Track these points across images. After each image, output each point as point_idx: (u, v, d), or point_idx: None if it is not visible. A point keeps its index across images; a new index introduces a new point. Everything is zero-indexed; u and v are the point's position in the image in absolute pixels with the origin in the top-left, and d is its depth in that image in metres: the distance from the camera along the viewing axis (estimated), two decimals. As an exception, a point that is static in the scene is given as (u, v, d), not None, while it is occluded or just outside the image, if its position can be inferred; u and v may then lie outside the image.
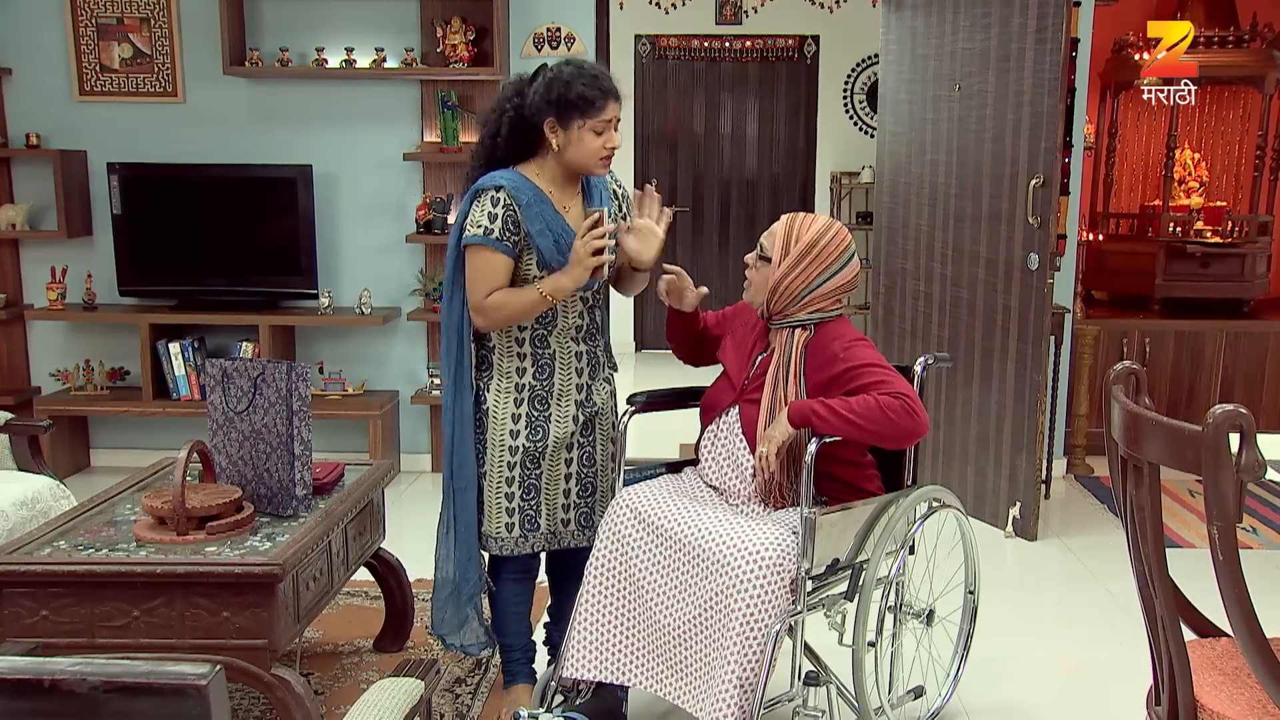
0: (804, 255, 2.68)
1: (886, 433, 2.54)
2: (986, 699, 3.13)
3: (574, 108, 2.67)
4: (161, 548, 2.60)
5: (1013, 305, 4.34)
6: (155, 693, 1.05)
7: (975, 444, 4.57)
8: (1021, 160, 4.27)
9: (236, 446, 2.88)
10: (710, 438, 2.83)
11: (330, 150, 5.14)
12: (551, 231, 2.74)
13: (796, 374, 2.67)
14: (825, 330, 2.72)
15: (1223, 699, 1.85)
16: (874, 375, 2.59)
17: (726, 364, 2.88)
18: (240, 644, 2.52)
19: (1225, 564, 1.66)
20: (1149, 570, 1.85)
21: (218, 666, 1.06)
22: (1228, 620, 1.71)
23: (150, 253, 5.07)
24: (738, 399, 2.78)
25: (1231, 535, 1.65)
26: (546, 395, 2.83)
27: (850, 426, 2.51)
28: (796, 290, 2.69)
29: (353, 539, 3.07)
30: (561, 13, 5.04)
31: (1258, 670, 1.68)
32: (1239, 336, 5.55)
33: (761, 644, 2.44)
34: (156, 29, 5.06)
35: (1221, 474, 1.61)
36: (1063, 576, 4.15)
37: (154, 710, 1.06)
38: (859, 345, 2.69)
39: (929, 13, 4.63)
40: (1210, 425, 1.60)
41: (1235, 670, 1.93)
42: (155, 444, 5.11)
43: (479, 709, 3.03)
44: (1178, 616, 1.87)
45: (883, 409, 2.51)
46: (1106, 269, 6.04)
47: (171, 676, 1.04)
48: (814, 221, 2.73)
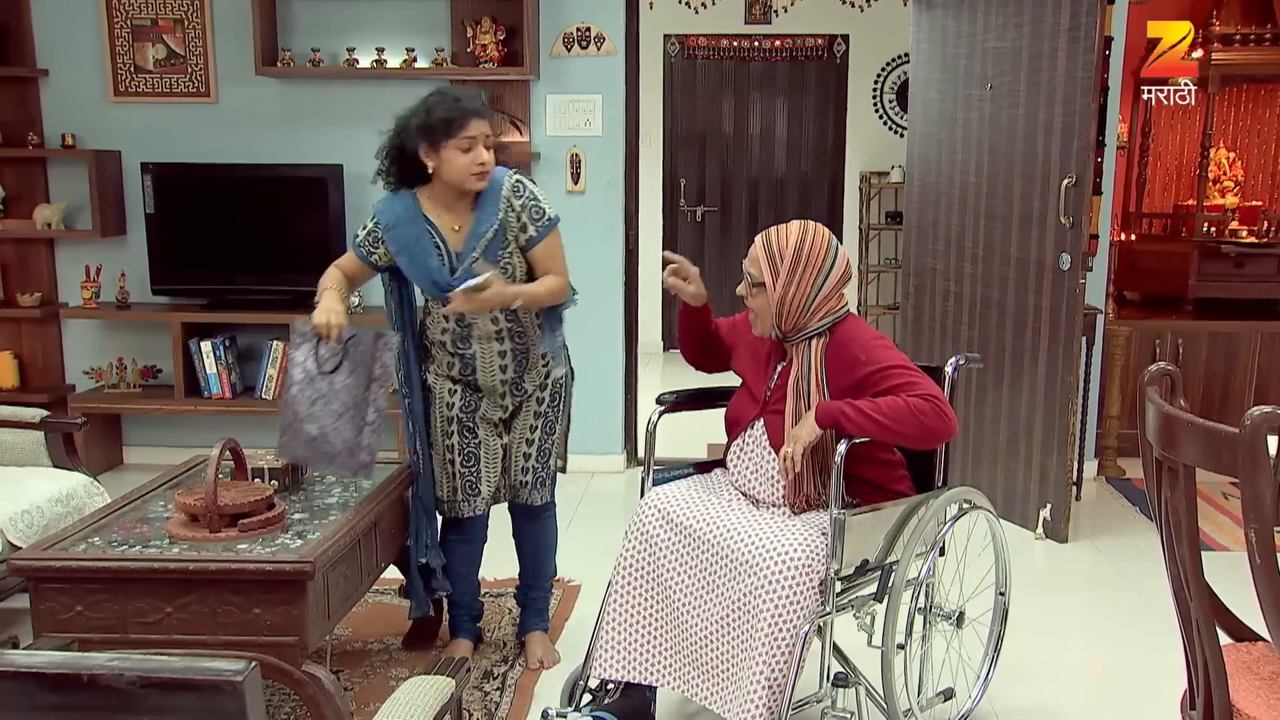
0: (795, 266, 2.66)
1: (915, 434, 2.53)
2: (1017, 701, 3.11)
3: (437, 131, 2.91)
4: (194, 545, 2.62)
5: (1044, 306, 4.31)
6: (192, 688, 1.06)
7: (1005, 445, 4.54)
8: (1054, 160, 4.24)
9: (309, 404, 2.98)
10: (737, 451, 2.82)
11: (361, 150, 5.10)
12: (408, 252, 3.03)
13: (819, 382, 2.66)
14: (840, 332, 2.71)
15: (1259, 704, 1.83)
16: (901, 377, 2.58)
17: (745, 376, 2.86)
18: (271, 641, 2.53)
19: (1262, 567, 1.64)
20: (1184, 573, 1.84)
21: (253, 663, 1.06)
22: (1265, 624, 1.69)
23: (182, 252, 5.12)
24: (761, 412, 2.76)
25: (1269, 538, 1.63)
26: (476, 386, 3.16)
27: (878, 428, 2.50)
28: (801, 302, 2.67)
29: (382, 537, 3.09)
30: (591, 12, 5.04)
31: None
32: (1274, 338, 5.49)
33: (790, 645, 2.43)
34: (190, 30, 5.10)
35: (1259, 476, 1.60)
36: (1094, 579, 4.12)
37: (190, 705, 1.07)
38: (879, 347, 2.68)
39: (960, 12, 4.61)
40: (1248, 427, 1.59)
41: (1273, 675, 1.91)
42: (187, 442, 5.15)
43: (507, 706, 3.03)
44: (1213, 620, 1.85)
45: (912, 411, 2.49)
46: (1139, 269, 5.99)
47: (208, 673, 1.05)
48: (788, 232, 2.70)
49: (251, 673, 1.05)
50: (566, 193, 5.15)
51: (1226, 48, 5.59)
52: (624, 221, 5.23)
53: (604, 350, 5.28)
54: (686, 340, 3.01)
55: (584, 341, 5.25)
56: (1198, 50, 5.61)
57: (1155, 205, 6.12)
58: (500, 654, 3.36)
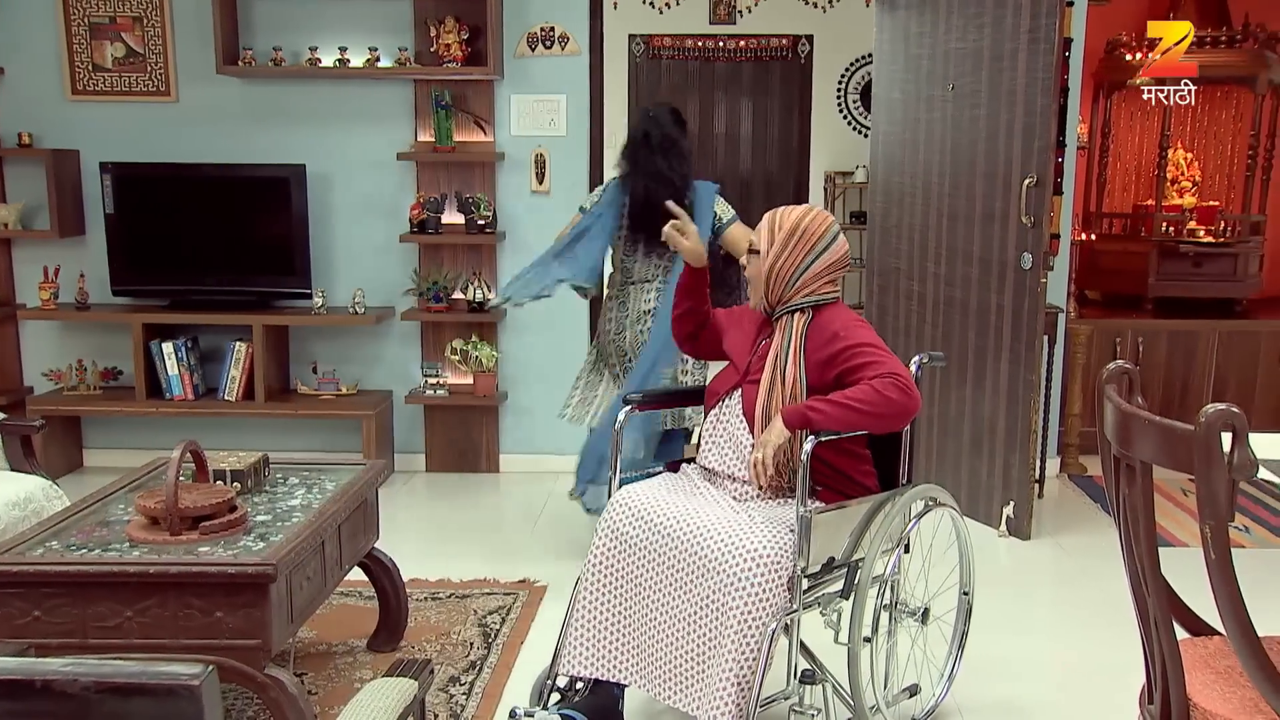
0: (789, 239, 2.77)
1: (882, 412, 2.57)
2: (981, 697, 3.13)
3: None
4: (154, 548, 2.59)
5: (1006, 305, 4.34)
6: (148, 693, 1.05)
7: (969, 443, 4.58)
8: (1015, 160, 4.28)
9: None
10: (712, 421, 2.86)
11: (324, 150, 5.13)
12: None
13: (797, 352, 2.72)
14: (824, 313, 2.79)
15: (1215, 698, 1.85)
16: (870, 355, 2.65)
17: (731, 354, 2.93)
18: (234, 644, 2.51)
19: (1217, 562, 1.66)
20: (1142, 569, 1.86)
21: (210, 667, 1.05)
22: (1220, 619, 1.72)
23: (143, 252, 5.07)
24: (740, 381, 2.82)
25: (1223, 534, 1.65)
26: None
27: (847, 413, 2.54)
28: (788, 273, 2.77)
29: (346, 539, 3.07)
30: (555, 12, 5.04)
31: (1249, 669, 1.68)
32: (1231, 336, 5.57)
33: (758, 642, 2.44)
34: (149, 28, 5.05)
35: (1214, 473, 1.62)
36: (1056, 575, 4.15)
37: (146, 711, 1.06)
38: (858, 327, 2.77)
39: (922, 12, 4.64)
40: (1202, 424, 1.61)
41: (1227, 669, 1.94)
42: (148, 444, 5.10)
43: (473, 709, 3.02)
44: (1170, 615, 1.87)
45: (876, 390, 2.56)
46: (1100, 268, 6.05)
47: (164, 677, 1.04)
48: (794, 209, 2.84)
49: (209, 677, 1.04)
50: (531, 193, 5.15)
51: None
52: (589, 221, 5.22)
53: (569, 349, 5.27)
54: (681, 307, 3.05)
55: (550, 341, 5.27)
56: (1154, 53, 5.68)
57: (1115, 205, 6.19)
58: (467, 657, 3.35)
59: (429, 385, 5.18)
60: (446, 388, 5.20)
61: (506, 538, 4.54)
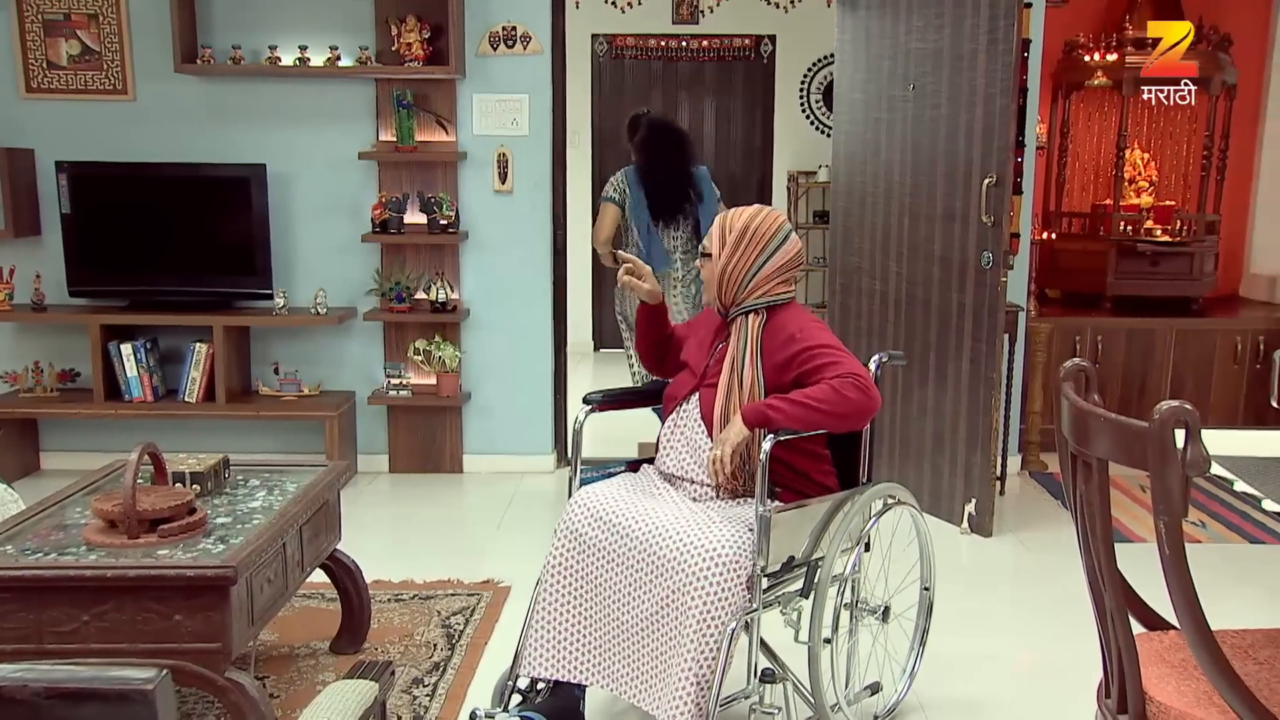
0: (740, 241, 2.78)
1: (842, 411, 2.58)
2: (942, 694, 3.16)
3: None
4: (112, 551, 2.56)
5: (967, 303, 4.38)
6: (100, 699, 1.04)
7: (931, 441, 4.61)
8: (975, 159, 4.31)
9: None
10: (670, 427, 2.87)
11: (284, 149, 5.09)
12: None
13: (754, 354, 2.73)
14: (780, 314, 2.80)
15: (1170, 691, 1.88)
16: (828, 356, 2.67)
17: (689, 358, 2.93)
18: (193, 648, 2.49)
19: (1171, 558, 1.68)
20: (1099, 565, 1.88)
21: (164, 671, 1.04)
22: (1174, 613, 1.74)
23: (101, 253, 5.01)
24: (698, 385, 2.82)
25: (1177, 529, 1.67)
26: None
27: (807, 411, 2.55)
28: (740, 275, 2.78)
29: (308, 541, 3.05)
30: (517, 11, 5.02)
31: (1203, 662, 1.70)
32: (1188, 334, 5.64)
33: (718, 641, 2.45)
34: (105, 25, 4.99)
35: (1167, 469, 1.64)
36: (1017, 572, 4.19)
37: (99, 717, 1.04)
38: (814, 327, 2.78)
39: (883, 13, 4.66)
40: (1156, 421, 1.62)
41: (1182, 662, 1.96)
42: (107, 447, 5.03)
43: (436, 710, 3.01)
44: (1126, 610, 1.89)
45: (836, 389, 2.58)
46: (1059, 267, 6.11)
47: (116, 682, 1.03)
48: (744, 210, 2.85)
49: (162, 681, 1.03)
50: (494, 193, 5.13)
51: (1139, 51, 5.72)
52: (552, 222, 5.22)
53: (533, 350, 5.27)
54: (645, 341, 3.08)
55: (513, 341, 5.25)
56: (1112, 54, 5.73)
57: (1074, 205, 6.24)
58: (431, 659, 3.34)
59: (392, 386, 5.16)
60: (409, 388, 5.18)
61: (470, 538, 4.53)
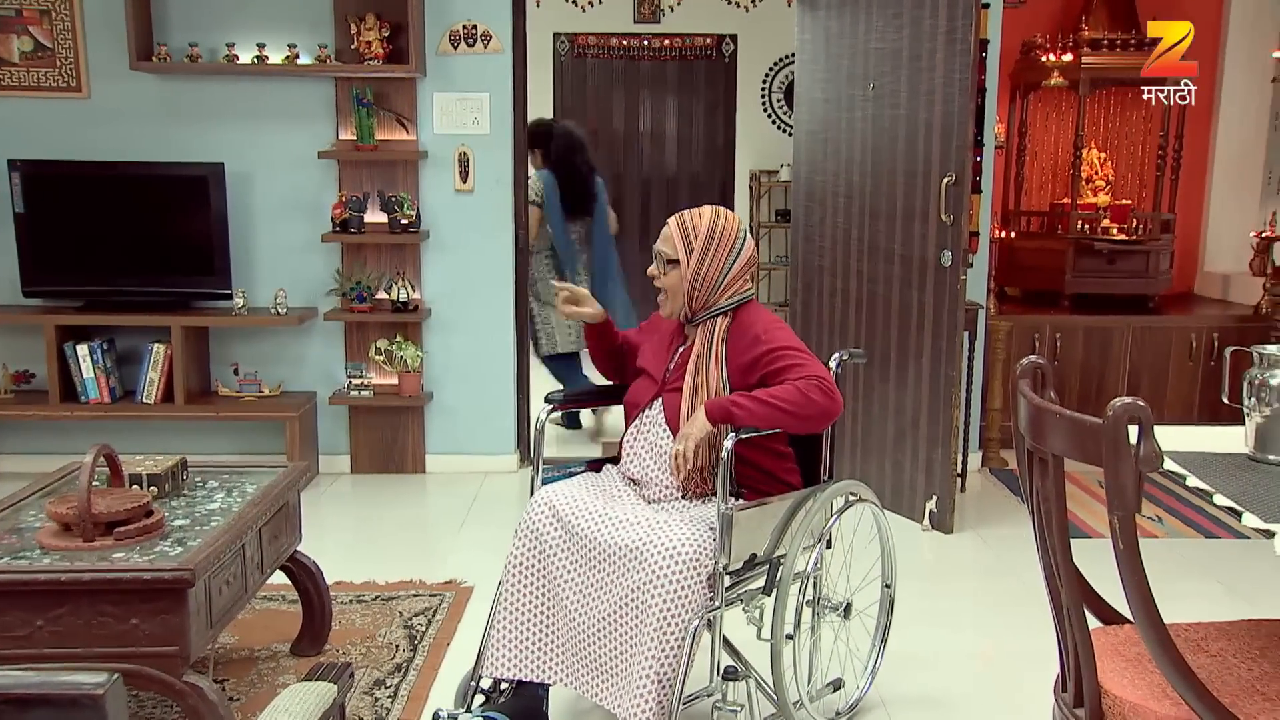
0: (709, 244, 2.76)
1: (806, 413, 2.59)
2: (904, 690, 3.18)
3: None
4: (66, 555, 2.53)
5: (927, 301, 4.41)
6: (49, 704, 1.02)
7: (893, 438, 4.64)
8: (934, 158, 4.34)
9: None
10: (633, 433, 2.85)
11: (243, 148, 5.05)
12: None
13: (719, 358, 2.72)
14: (743, 314, 2.80)
15: (1125, 684, 1.90)
16: (792, 359, 2.67)
17: (646, 365, 2.91)
18: (150, 651, 2.47)
19: (1125, 552, 1.70)
20: (1055, 560, 1.90)
21: (115, 675, 1.03)
22: (1128, 607, 1.76)
23: (56, 252, 4.94)
24: (660, 391, 2.81)
25: (1131, 524, 1.70)
26: None
27: (771, 412, 2.56)
28: (714, 277, 2.76)
29: (268, 542, 3.03)
30: (477, 10, 5.00)
31: (1156, 655, 1.72)
32: (1144, 331, 5.71)
33: (679, 639, 2.45)
34: (58, 22, 4.93)
35: (1121, 465, 1.65)
36: (978, 568, 4.23)
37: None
38: (778, 328, 2.78)
39: (843, 13, 4.69)
40: (1110, 417, 1.64)
41: (1137, 656, 1.98)
42: (63, 449, 4.94)
43: (399, 712, 3.00)
44: (1082, 605, 1.91)
45: (801, 391, 2.58)
46: (1018, 265, 6.16)
47: (66, 687, 1.01)
48: (702, 213, 2.81)
49: (113, 685, 1.02)
50: (455, 192, 5.11)
51: (1095, 52, 5.78)
52: (514, 221, 5.20)
53: (495, 349, 5.25)
54: (599, 356, 3.08)
55: (475, 341, 5.24)
56: (1068, 54, 5.79)
57: (1033, 203, 6.31)
58: (393, 660, 3.32)
59: (353, 386, 5.12)
60: (371, 388, 5.15)
61: (433, 538, 4.51)
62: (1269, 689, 1.86)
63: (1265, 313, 5.64)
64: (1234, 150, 6.40)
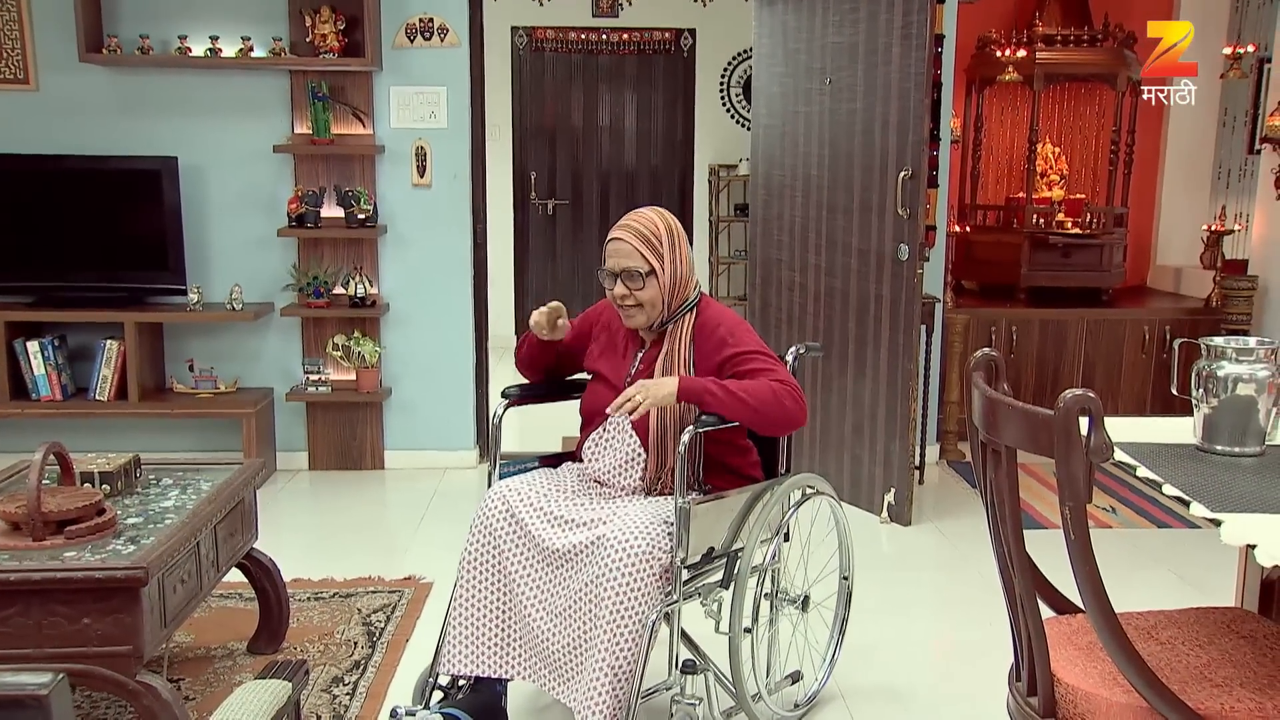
0: (673, 244, 2.75)
1: (775, 417, 2.60)
2: (862, 681, 3.20)
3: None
4: (15, 554, 2.49)
5: (885, 295, 4.43)
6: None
7: (851, 431, 4.67)
8: (890, 153, 4.36)
9: None
10: (596, 440, 2.82)
11: (197, 142, 4.99)
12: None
13: (686, 361, 2.71)
14: (706, 312, 2.79)
15: (1077, 672, 1.92)
16: (762, 363, 2.67)
17: (601, 370, 2.88)
18: (103, 651, 2.44)
19: (1076, 543, 1.72)
20: (1008, 550, 1.91)
21: (60, 675, 1.02)
22: (1080, 596, 1.78)
23: (4, 248, 4.87)
24: None
25: (1082, 515, 1.72)
26: None
27: (742, 407, 2.56)
28: (685, 273, 2.77)
29: (223, 540, 3.00)
30: (434, 3, 4.97)
31: (1107, 644, 1.75)
32: (1099, 324, 5.78)
33: (634, 633, 2.45)
34: (5, 13, 4.85)
35: (1072, 456, 1.67)
36: (936, 560, 4.26)
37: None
38: (743, 330, 2.77)
39: (800, 7, 4.70)
40: (1060, 409, 1.66)
41: (1089, 645, 2.01)
42: (15, 448, 4.87)
43: (357, 709, 2.98)
44: (1035, 595, 1.93)
45: (775, 394, 2.59)
46: (975, 259, 6.21)
47: (9, 688, 1.00)
48: (650, 217, 2.76)
49: (58, 686, 1.00)
50: (412, 186, 5.08)
51: (1049, 47, 5.84)
52: (472, 215, 5.18)
53: (454, 344, 5.23)
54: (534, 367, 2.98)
55: (434, 335, 5.21)
56: (1022, 50, 5.84)
57: (988, 198, 6.36)
58: (351, 657, 3.30)
59: (311, 382, 5.08)
60: (329, 384, 5.11)
61: (391, 535, 4.49)
62: (1216, 675, 1.89)
63: (1216, 305, 5.72)
64: (1185, 145, 6.49)
